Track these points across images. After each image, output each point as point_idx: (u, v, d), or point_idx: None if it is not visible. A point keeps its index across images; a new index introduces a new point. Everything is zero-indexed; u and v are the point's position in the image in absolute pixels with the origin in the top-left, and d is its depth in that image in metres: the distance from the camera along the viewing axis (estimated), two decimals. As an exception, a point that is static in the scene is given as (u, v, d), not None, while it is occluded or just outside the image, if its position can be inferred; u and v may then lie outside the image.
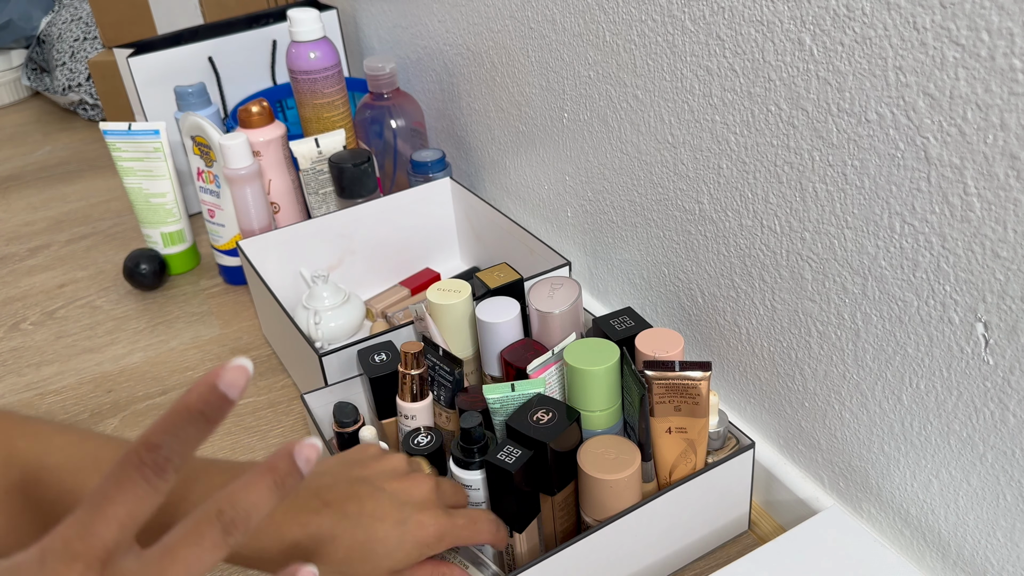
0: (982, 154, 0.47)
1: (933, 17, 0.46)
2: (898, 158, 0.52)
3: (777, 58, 0.57)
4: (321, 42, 1.04)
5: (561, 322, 0.72)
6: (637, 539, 0.64)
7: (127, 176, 1.09)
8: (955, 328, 0.52)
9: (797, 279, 0.63)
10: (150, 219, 1.11)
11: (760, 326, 0.68)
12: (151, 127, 1.05)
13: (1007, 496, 0.53)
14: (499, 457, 0.59)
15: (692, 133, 0.68)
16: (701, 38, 0.63)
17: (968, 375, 0.52)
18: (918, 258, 0.53)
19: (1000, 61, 0.44)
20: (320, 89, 1.04)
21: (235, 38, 1.21)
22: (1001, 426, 0.52)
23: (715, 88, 0.64)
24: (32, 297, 1.14)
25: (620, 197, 0.81)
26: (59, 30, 1.69)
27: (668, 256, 0.77)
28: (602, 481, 0.60)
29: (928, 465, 0.58)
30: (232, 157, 0.96)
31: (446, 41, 1.05)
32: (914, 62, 0.48)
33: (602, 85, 0.77)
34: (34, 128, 1.73)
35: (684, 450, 0.65)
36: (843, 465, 0.66)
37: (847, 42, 0.52)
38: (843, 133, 0.54)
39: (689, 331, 0.78)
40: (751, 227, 0.65)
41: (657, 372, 0.62)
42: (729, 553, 0.70)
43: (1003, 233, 0.47)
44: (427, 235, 1.04)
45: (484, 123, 1.03)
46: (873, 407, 0.61)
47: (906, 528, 0.62)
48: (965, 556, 0.58)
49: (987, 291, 0.49)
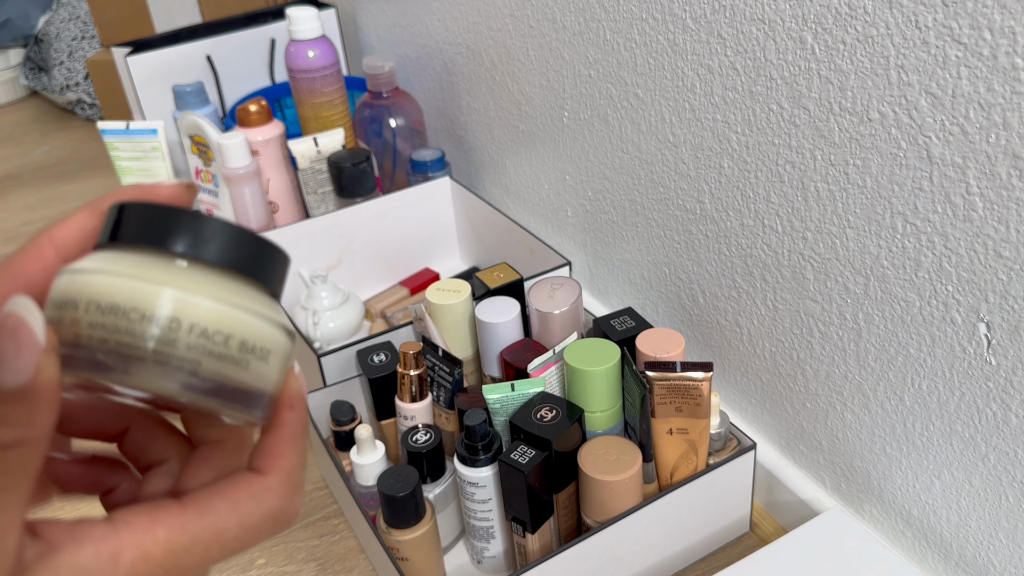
0: (984, 153, 0.46)
1: (935, 16, 0.46)
2: (900, 157, 0.51)
3: (779, 57, 0.57)
4: (320, 41, 1.03)
5: (561, 322, 0.71)
6: (638, 541, 0.63)
7: (125, 175, 1.08)
8: (957, 328, 0.52)
9: (799, 279, 0.63)
10: (148, 219, 1.10)
11: (762, 326, 0.68)
12: (149, 126, 1.05)
13: (1009, 497, 0.53)
14: (512, 457, 0.59)
15: (693, 132, 0.68)
16: (702, 36, 0.63)
17: (970, 375, 0.52)
18: (920, 258, 0.53)
19: (1002, 60, 0.44)
20: (319, 88, 1.04)
21: (233, 37, 1.21)
22: (1004, 427, 0.51)
23: (716, 87, 0.64)
24: (30, 297, 1.13)
25: (621, 196, 0.81)
26: (57, 29, 1.68)
27: (669, 256, 0.77)
28: (603, 482, 0.60)
29: (930, 466, 0.58)
30: (230, 156, 0.95)
31: (445, 40, 1.05)
32: (916, 61, 0.48)
33: (602, 84, 0.77)
34: (32, 127, 1.73)
35: (685, 451, 0.64)
36: (845, 466, 0.65)
37: (849, 41, 0.52)
38: (845, 132, 0.54)
39: (690, 331, 0.77)
40: (753, 227, 0.65)
41: (658, 373, 0.61)
42: (730, 554, 0.70)
43: (1005, 233, 0.47)
44: (426, 235, 1.04)
45: (484, 122, 1.03)
46: (875, 408, 0.60)
47: (908, 529, 0.62)
48: (967, 557, 0.58)
49: (989, 291, 0.49)
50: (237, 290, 0.23)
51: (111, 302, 0.22)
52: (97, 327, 0.22)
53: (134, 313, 0.21)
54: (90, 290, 0.22)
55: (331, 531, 0.75)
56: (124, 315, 0.21)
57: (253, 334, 0.23)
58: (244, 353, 0.23)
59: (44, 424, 0.22)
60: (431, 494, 0.66)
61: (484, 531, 0.66)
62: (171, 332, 0.22)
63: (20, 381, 0.21)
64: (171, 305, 0.22)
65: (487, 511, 0.65)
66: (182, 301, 0.22)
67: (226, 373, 0.22)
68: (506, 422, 0.64)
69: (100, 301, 0.22)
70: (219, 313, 0.22)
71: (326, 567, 0.72)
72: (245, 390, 0.23)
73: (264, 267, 0.24)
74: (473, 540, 0.68)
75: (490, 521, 0.65)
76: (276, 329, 0.24)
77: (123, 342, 0.22)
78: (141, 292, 0.22)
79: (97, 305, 0.22)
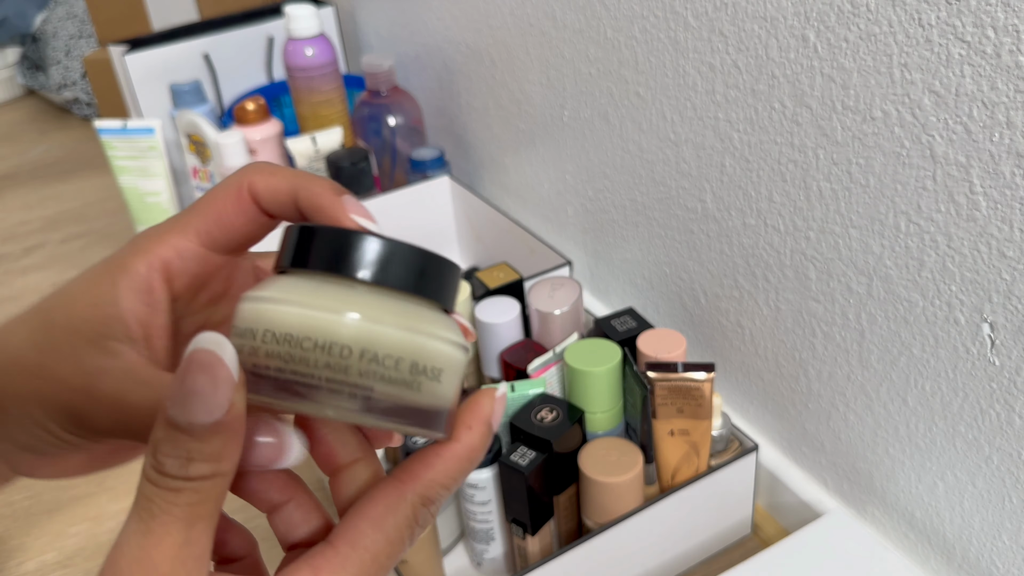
0: (988, 152, 0.46)
1: (938, 13, 0.46)
2: (903, 156, 0.51)
3: (781, 55, 0.57)
4: (318, 39, 1.03)
5: (562, 323, 0.71)
6: (639, 543, 0.63)
7: (122, 175, 1.08)
8: (961, 328, 0.52)
9: (801, 279, 0.62)
10: (145, 218, 1.10)
11: (764, 327, 0.68)
12: (146, 125, 1.05)
13: (1013, 498, 0.53)
14: (512, 459, 0.59)
15: (695, 131, 0.67)
16: (704, 34, 0.63)
17: (974, 376, 0.52)
18: (923, 258, 0.52)
19: (1006, 58, 0.43)
20: (317, 86, 1.03)
21: (231, 35, 1.20)
22: (1007, 428, 0.51)
23: (718, 85, 0.63)
24: (27, 297, 1.13)
25: (622, 195, 0.80)
26: (54, 27, 1.67)
27: (670, 255, 0.76)
28: (604, 484, 0.60)
29: (933, 467, 0.57)
30: (228, 155, 0.95)
31: (445, 38, 1.04)
32: (919, 59, 0.48)
33: (603, 82, 0.77)
34: (29, 126, 1.72)
35: (687, 452, 0.64)
36: (847, 468, 0.65)
37: (852, 38, 0.51)
38: (848, 131, 0.54)
39: (692, 332, 0.77)
40: (755, 226, 0.65)
41: (659, 373, 0.61)
42: (732, 557, 0.69)
43: (1009, 232, 0.47)
44: (426, 234, 1.03)
45: (483, 121, 1.02)
46: (878, 409, 0.60)
47: (911, 531, 0.62)
48: (970, 559, 0.57)
49: (993, 291, 0.49)
50: (409, 312, 0.23)
51: (286, 332, 0.22)
52: (274, 356, 0.22)
53: (307, 342, 0.22)
54: (267, 318, 0.23)
55: (330, 533, 0.74)
56: (298, 344, 0.22)
57: (424, 355, 0.23)
58: (416, 375, 0.23)
59: (234, 457, 0.22)
60: (431, 496, 0.66)
61: (484, 533, 0.66)
62: (342, 360, 0.22)
63: (215, 418, 0.22)
64: (342, 332, 0.22)
65: (487, 513, 0.64)
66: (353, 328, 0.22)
67: (399, 395, 0.23)
68: (506, 423, 0.64)
69: (276, 330, 0.22)
70: (389, 338, 0.23)
71: (325, 569, 0.71)
72: (420, 409, 0.23)
73: (437, 284, 0.24)
74: (473, 542, 0.67)
75: (490, 523, 0.65)
76: (448, 346, 0.24)
77: (297, 371, 0.22)
78: (313, 321, 0.22)
79: (273, 335, 0.22)
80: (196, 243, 0.27)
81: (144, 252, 0.26)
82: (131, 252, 0.27)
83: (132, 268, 0.26)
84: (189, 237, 0.27)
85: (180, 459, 0.22)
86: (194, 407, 0.21)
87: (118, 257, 0.27)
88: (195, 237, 0.27)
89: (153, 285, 0.26)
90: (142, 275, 0.26)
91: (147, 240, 0.27)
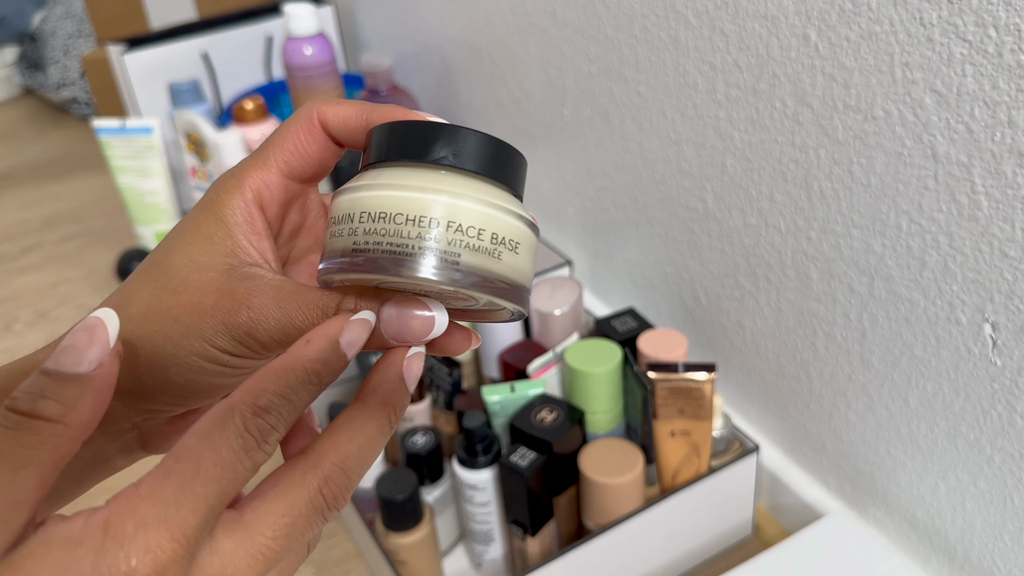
0: (990, 152, 0.46)
1: (940, 13, 0.46)
2: (905, 156, 0.51)
3: (782, 54, 0.56)
4: (317, 37, 1.03)
5: (562, 323, 0.71)
6: (640, 544, 0.63)
7: (120, 174, 1.07)
8: (963, 329, 0.51)
9: (803, 279, 0.62)
10: (143, 218, 1.10)
11: (765, 327, 0.67)
12: (144, 124, 1.04)
13: (1015, 499, 0.52)
14: (512, 459, 0.59)
15: (696, 130, 0.67)
16: (705, 33, 0.62)
17: (976, 376, 0.52)
18: (925, 257, 0.52)
19: (1008, 57, 0.43)
20: (316, 85, 1.03)
21: (230, 34, 1.20)
22: (1009, 428, 0.51)
23: (719, 84, 0.63)
24: (24, 297, 1.13)
25: (622, 195, 0.80)
26: (52, 26, 1.67)
27: (671, 255, 0.76)
28: (604, 485, 0.60)
29: (935, 468, 0.57)
30: (227, 154, 0.94)
31: (444, 36, 1.04)
32: (921, 58, 0.47)
33: (604, 81, 0.76)
34: (27, 126, 1.72)
35: (688, 453, 0.64)
36: (849, 468, 0.65)
37: (853, 38, 0.51)
38: (849, 130, 0.54)
39: (693, 332, 0.77)
40: (756, 226, 0.65)
41: (660, 374, 0.61)
42: (733, 558, 0.69)
43: (1011, 232, 0.46)
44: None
45: (483, 119, 1.02)
46: (880, 409, 0.60)
47: (913, 532, 0.61)
48: (972, 560, 0.57)
49: (995, 291, 0.49)
50: (487, 191, 0.26)
51: (380, 211, 0.25)
52: (372, 233, 0.25)
53: (399, 217, 0.25)
54: (361, 203, 0.26)
55: (327, 534, 0.74)
56: (391, 220, 0.25)
57: (502, 227, 0.26)
58: (496, 245, 0.26)
59: (86, 413, 0.23)
60: (430, 497, 0.65)
61: (484, 534, 0.65)
62: (430, 230, 0.25)
63: (81, 369, 0.23)
64: (430, 207, 0.25)
65: (487, 514, 0.64)
66: (440, 202, 0.25)
67: (483, 263, 0.26)
68: (506, 424, 0.64)
69: (371, 210, 0.26)
70: (471, 211, 0.25)
71: (323, 571, 0.71)
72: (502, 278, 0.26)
73: (509, 169, 0.27)
74: (473, 543, 0.67)
75: (490, 524, 0.65)
76: (522, 223, 0.27)
77: (393, 243, 0.25)
78: (403, 199, 0.25)
79: (369, 215, 0.26)
80: (278, 174, 0.29)
81: (236, 189, 0.28)
82: (223, 191, 0.29)
83: (230, 204, 0.28)
84: (271, 169, 0.29)
85: (32, 395, 0.22)
86: (65, 357, 0.23)
87: (211, 199, 0.29)
88: (276, 168, 0.29)
89: (253, 215, 0.29)
90: (241, 208, 0.28)
91: (233, 178, 0.29)
